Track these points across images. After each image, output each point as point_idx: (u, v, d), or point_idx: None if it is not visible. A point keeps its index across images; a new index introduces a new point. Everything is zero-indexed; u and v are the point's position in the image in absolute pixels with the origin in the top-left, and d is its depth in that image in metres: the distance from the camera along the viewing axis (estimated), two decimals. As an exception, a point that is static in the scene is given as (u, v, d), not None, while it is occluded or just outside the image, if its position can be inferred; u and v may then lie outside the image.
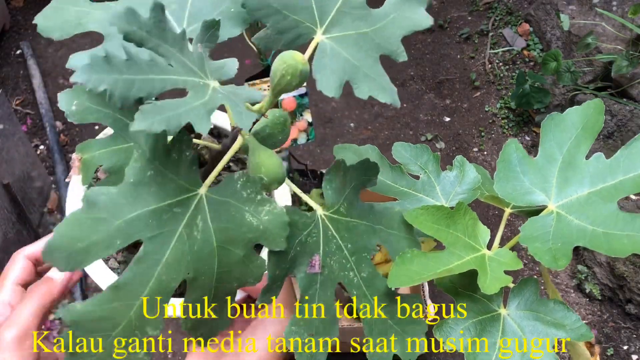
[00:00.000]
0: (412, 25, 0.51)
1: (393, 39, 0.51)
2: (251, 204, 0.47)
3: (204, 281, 0.47)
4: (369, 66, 0.50)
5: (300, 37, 0.51)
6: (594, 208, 0.55)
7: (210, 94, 0.44)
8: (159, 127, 0.39)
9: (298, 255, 0.51)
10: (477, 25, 2.49)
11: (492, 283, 0.50)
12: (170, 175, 0.46)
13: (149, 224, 0.45)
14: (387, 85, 0.50)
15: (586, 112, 0.58)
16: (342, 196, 0.53)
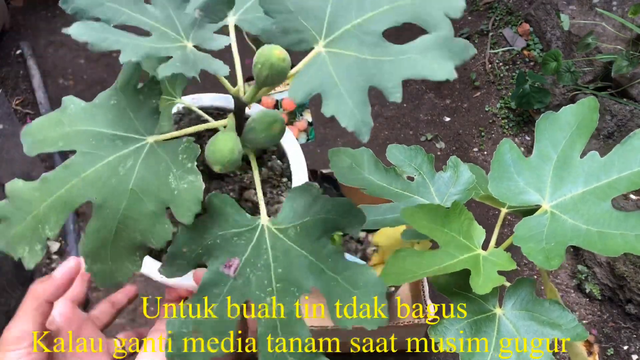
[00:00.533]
0: (425, 72, 0.47)
1: (393, 77, 0.47)
2: (180, 168, 0.48)
3: (108, 214, 0.48)
4: (349, 89, 0.47)
5: (302, 42, 0.50)
6: (588, 207, 0.55)
7: (170, 47, 0.48)
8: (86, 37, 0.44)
9: (216, 248, 0.50)
10: (477, 25, 2.49)
11: (485, 283, 0.50)
12: (129, 113, 0.50)
13: (89, 141, 0.49)
14: (359, 114, 0.46)
15: (581, 110, 0.58)
16: (299, 219, 0.51)
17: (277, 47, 0.49)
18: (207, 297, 0.50)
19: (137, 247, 0.49)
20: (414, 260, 0.54)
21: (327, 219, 0.51)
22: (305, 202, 0.51)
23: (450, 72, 0.46)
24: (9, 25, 2.46)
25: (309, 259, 0.50)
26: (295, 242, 0.51)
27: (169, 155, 0.49)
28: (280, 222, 0.51)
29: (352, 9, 0.50)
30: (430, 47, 0.47)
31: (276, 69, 0.48)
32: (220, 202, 0.50)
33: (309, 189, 0.51)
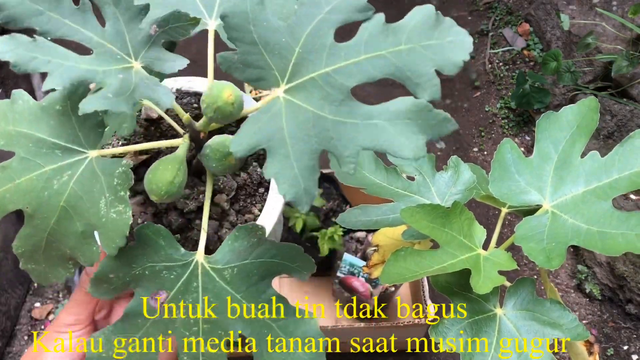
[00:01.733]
0: (389, 145, 0.40)
1: (351, 144, 0.41)
2: (112, 194, 0.46)
3: (39, 225, 0.47)
4: (298, 151, 0.41)
5: (261, 81, 0.44)
6: (589, 207, 0.55)
7: (112, 70, 0.44)
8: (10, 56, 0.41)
9: (145, 278, 0.48)
10: (477, 25, 2.49)
11: (485, 283, 0.50)
12: (74, 122, 0.47)
13: (29, 146, 0.46)
14: (303, 182, 0.41)
15: (581, 110, 0.58)
16: (238, 261, 0.48)
17: (228, 88, 0.44)
18: (131, 325, 0.47)
19: (68, 258, 0.48)
20: (414, 260, 0.54)
21: (271, 263, 0.47)
22: (248, 244, 0.47)
23: (419, 150, 0.40)
24: (9, 25, 2.46)
25: (243, 304, 0.47)
26: (230, 284, 0.48)
27: (105, 176, 0.46)
28: (217, 262, 0.48)
29: (324, 53, 0.44)
30: (402, 115, 0.41)
31: (222, 112, 0.44)
32: (152, 233, 0.47)
33: (254, 231, 0.47)
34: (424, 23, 0.42)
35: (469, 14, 2.55)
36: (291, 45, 0.44)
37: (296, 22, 0.44)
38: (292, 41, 0.44)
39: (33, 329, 1.72)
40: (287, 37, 0.44)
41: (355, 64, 0.43)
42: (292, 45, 0.44)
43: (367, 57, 0.43)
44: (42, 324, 1.73)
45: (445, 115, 0.40)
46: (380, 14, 0.44)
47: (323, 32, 0.44)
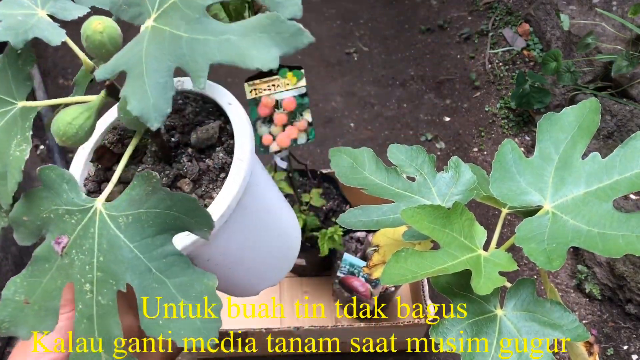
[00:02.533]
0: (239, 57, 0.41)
1: (201, 59, 0.42)
2: (22, 134, 0.49)
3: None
4: (152, 69, 0.42)
5: (140, 16, 0.47)
6: (590, 208, 0.54)
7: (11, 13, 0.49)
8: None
9: (50, 222, 0.48)
10: (477, 25, 2.49)
11: (486, 284, 0.50)
12: (9, 76, 0.52)
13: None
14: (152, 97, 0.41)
15: (582, 111, 0.58)
16: (133, 209, 0.47)
17: (98, 20, 0.47)
18: (39, 269, 0.48)
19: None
20: (414, 261, 0.54)
21: (167, 214, 0.46)
22: (143, 192, 0.46)
23: (272, 61, 0.39)
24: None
25: (134, 253, 0.46)
26: (124, 232, 0.46)
27: (22, 121, 0.50)
28: (114, 209, 0.47)
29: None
30: (254, 29, 0.41)
31: (92, 41, 0.47)
32: (57, 177, 0.48)
33: (148, 178, 0.46)
34: None
35: (469, 14, 2.55)
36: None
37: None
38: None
39: (33, 328, 1.72)
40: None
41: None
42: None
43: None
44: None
45: (299, 27, 0.40)
46: None
47: None
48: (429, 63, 2.44)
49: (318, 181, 1.69)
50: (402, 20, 2.62)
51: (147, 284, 0.45)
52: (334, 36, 2.58)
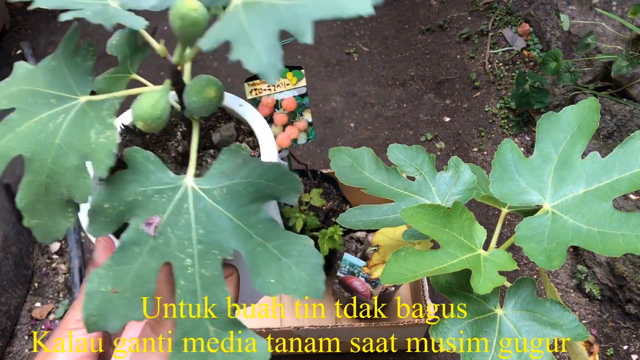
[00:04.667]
0: (337, 9, 0.44)
1: (304, 18, 0.44)
2: (101, 123, 0.49)
3: (37, 168, 0.49)
4: (258, 35, 0.45)
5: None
6: (590, 207, 0.55)
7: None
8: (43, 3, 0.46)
9: (138, 205, 0.49)
10: (477, 25, 2.49)
11: (486, 283, 0.50)
12: (66, 73, 0.52)
13: (27, 99, 0.51)
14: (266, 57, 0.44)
15: (581, 111, 0.58)
16: (226, 181, 0.49)
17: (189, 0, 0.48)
18: (127, 255, 0.48)
19: (66, 202, 0.49)
20: (414, 260, 0.54)
21: (258, 183, 0.48)
22: (234, 165, 0.49)
23: (366, 7, 0.42)
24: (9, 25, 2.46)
25: (234, 222, 0.48)
26: (220, 203, 0.48)
27: (95, 111, 0.50)
28: (206, 183, 0.49)
29: None
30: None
31: (188, 18, 0.47)
32: (142, 158, 0.49)
33: (238, 151, 0.49)
34: None
35: (469, 14, 2.56)
36: None
37: None
38: None
39: (33, 328, 1.72)
40: None
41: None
42: None
43: None
44: (42, 324, 1.73)
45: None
46: None
47: None
48: (429, 63, 2.44)
49: (318, 181, 1.69)
50: (402, 20, 2.62)
51: (251, 247, 0.47)
52: (334, 36, 2.58)
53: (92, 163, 0.48)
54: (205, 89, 0.50)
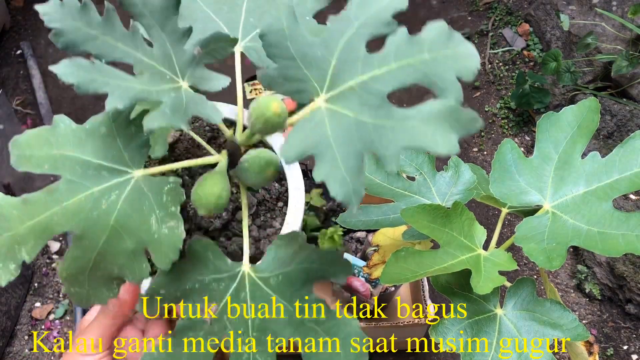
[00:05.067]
0: (427, 143, 0.43)
1: (392, 145, 0.44)
2: (163, 210, 0.47)
3: (87, 246, 0.48)
4: (344, 154, 0.44)
5: (302, 93, 0.47)
6: (590, 207, 0.55)
7: (164, 89, 0.46)
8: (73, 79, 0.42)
9: (195, 292, 0.49)
10: (477, 25, 2.49)
11: (485, 283, 0.50)
12: (118, 143, 0.49)
13: (75, 169, 0.48)
14: (351, 182, 0.44)
15: (581, 111, 0.58)
16: (282, 268, 0.50)
17: (274, 101, 0.47)
18: (183, 339, 0.49)
19: (114, 278, 0.49)
20: (414, 260, 0.54)
21: (312, 268, 0.49)
22: (290, 251, 0.50)
23: (454, 147, 0.42)
24: (9, 25, 2.46)
25: (288, 309, 0.50)
26: (276, 291, 0.50)
27: (153, 193, 0.48)
28: (263, 270, 0.50)
29: (359, 64, 0.47)
30: (435, 116, 0.43)
31: (271, 123, 0.47)
32: (201, 248, 0.49)
33: (295, 238, 0.50)
34: (440, 36, 0.46)
35: (469, 14, 2.56)
36: (327, 58, 0.47)
37: (329, 37, 0.47)
38: (327, 54, 0.47)
39: (33, 329, 1.72)
40: (323, 51, 0.47)
41: (389, 71, 0.46)
42: (328, 57, 0.47)
43: (398, 66, 0.46)
44: (42, 324, 1.73)
45: (474, 114, 0.43)
46: (403, 27, 0.47)
47: (355, 45, 0.47)
48: (429, 63, 2.43)
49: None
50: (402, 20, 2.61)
51: (304, 334, 0.49)
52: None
53: (153, 254, 0.47)
54: (266, 170, 0.51)
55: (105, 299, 0.49)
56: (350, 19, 0.48)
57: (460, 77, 0.45)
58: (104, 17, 0.47)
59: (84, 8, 0.46)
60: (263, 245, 0.59)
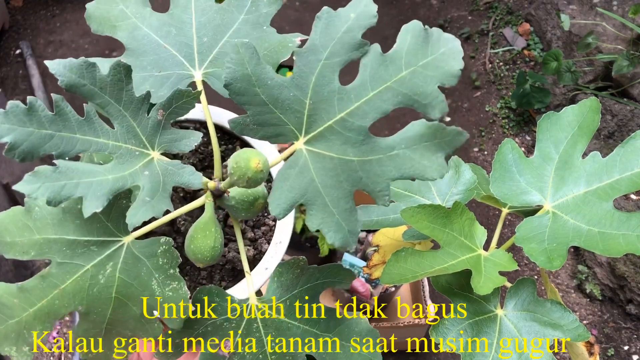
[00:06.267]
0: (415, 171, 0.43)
1: (381, 179, 0.43)
2: (162, 273, 0.47)
3: (95, 319, 0.48)
4: (334, 198, 0.44)
5: (280, 136, 0.46)
6: (590, 207, 0.54)
7: (136, 169, 0.45)
8: (41, 194, 0.40)
9: (208, 334, 0.50)
10: (478, 25, 2.49)
11: (486, 283, 0.50)
12: (99, 215, 0.48)
13: (63, 250, 0.47)
14: (346, 225, 0.43)
15: (582, 111, 0.58)
16: (288, 293, 0.51)
17: (254, 157, 0.45)
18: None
19: (129, 338, 0.49)
20: (415, 260, 0.54)
21: (316, 284, 0.50)
22: (293, 276, 0.50)
23: (442, 169, 0.42)
24: (8, 25, 2.45)
25: (302, 328, 0.50)
26: (286, 315, 0.50)
27: (148, 258, 0.48)
28: (269, 300, 0.51)
29: (334, 101, 0.45)
30: (420, 139, 0.43)
31: (254, 180, 0.46)
32: (207, 295, 0.49)
33: (295, 263, 0.50)
34: (416, 42, 0.44)
35: (469, 14, 2.55)
36: (300, 99, 0.46)
37: (299, 73, 0.46)
38: (300, 94, 0.46)
39: (33, 328, 1.72)
40: (295, 91, 0.46)
41: (366, 102, 0.45)
42: (301, 98, 0.46)
43: (376, 93, 0.45)
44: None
45: (457, 129, 0.42)
46: (375, 45, 0.46)
47: (327, 78, 0.46)
48: (429, 63, 2.43)
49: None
50: (403, 20, 2.62)
51: (319, 346, 0.50)
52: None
53: (162, 316, 0.47)
54: (254, 205, 0.51)
55: (123, 356, 0.50)
56: (317, 48, 0.46)
57: (443, 85, 0.44)
58: (54, 112, 0.45)
59: (31, 109, 0.44)
60: (260, 245, 0.59)
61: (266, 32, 0.54)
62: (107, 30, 0.54)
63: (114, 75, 0.45)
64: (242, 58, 0.44)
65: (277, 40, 0.54)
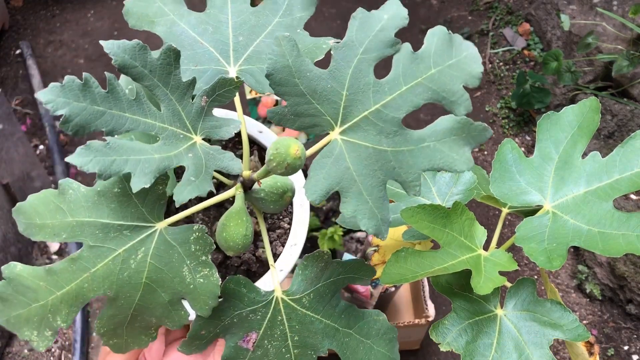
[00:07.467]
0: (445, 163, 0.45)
1: (413, 169, 0.45)
2: (194, 260, 0.48)
3: (123, 305, 0.48)
4: (368, 186, 0.45)
5: (316, 127, 0.48)
6: (590, 207, 0.54)
7: (181, 151, 0.47)
8: (92, 167, 0.42)
9: (233, 326, 0.50)
10: (478, 25, 2.49)
11: (486, 283, 0.50)
12: (135, 200, 0.49)
13: (95, 234, 0.47)
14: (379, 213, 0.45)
15: (582, 110, 0.58)
16: (312, 287, 0.52)
17: (293, 144, 0.46)
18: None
19: (152, 326, 0.50)
20: (414, 260, 0.54)
21: (339, 279, 0.52)
22: (317, 269, 0.51)
23: (469, 162, 0.45)
24: (8, 25, 2.45)
25: (324, 322, 0.51)
26: (310, 309, 0.51)
27: (180, 244, 0.48)
28: (294, 293, 0.52)
29: (370, 93, 0.48)
30: (449, 133, 0.45)
31: (292, 166, 0.47)
32: (235, 285, 0.50)
33: (320, 257, 0.51)
34: (442, 44, 0.47)
35: (469, 14, 2.55)
36: (338, 90, 0.48)
37: (336, 66, 0.48)
38: (337, 86, 0.48)
39: (33, 328, 1.72)
40: (332, 83, 0.48)
41: (400, 95, 0.47)
42: (338, 89, 0.48)
43: (408, 87, 0.47)
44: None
45: (484, 125, 0.45)
46: (406, 44, 0.49)
47: (364, 71, 0.48)
48: (429, 63, 2.43)
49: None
50: (403, 20, 2.62)
51: (340, 341, 0.51)
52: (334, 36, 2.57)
53: (191, 303, 0.48)
54: (283, 197, 0.53)
55: (145, 344, 0.51)
56: (353, 44, 0.49)
57: (467, 85, 0.46)
58: (107, 90, 0.46)
59: (86, 85, 0.45)
60: (275, 247, 0.60)
61: (300, 35, 0.56)
62: (146, 25, 0.56)
63: (164, 59, 0.47)
64: (283, 50, 0.46)
65: (311, 42, 0.56)
